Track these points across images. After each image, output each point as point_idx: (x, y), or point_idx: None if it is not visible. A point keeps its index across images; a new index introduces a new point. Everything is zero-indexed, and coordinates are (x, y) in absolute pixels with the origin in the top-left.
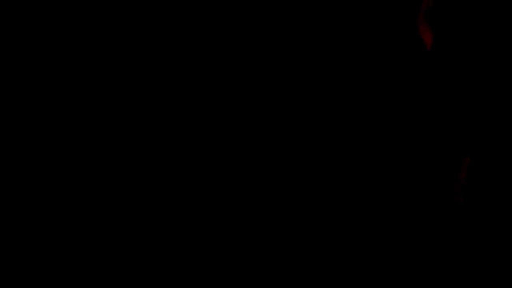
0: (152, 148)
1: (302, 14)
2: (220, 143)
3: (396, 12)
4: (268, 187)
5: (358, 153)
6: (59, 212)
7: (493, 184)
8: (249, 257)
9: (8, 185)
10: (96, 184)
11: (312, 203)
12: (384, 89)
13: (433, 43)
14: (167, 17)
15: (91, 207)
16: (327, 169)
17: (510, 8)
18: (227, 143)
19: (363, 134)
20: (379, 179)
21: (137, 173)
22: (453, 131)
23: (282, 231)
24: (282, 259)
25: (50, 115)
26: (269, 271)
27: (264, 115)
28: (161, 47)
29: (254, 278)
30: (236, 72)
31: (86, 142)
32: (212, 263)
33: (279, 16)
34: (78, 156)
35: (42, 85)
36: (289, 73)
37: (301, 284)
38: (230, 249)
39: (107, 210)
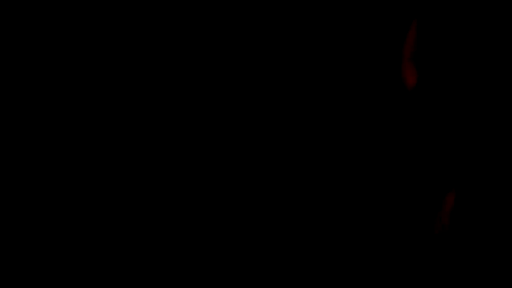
0: (152, 148)
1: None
2: (220, 143)
3: (379, 53)
4: (267, 187)
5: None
6: (59, 212)
7: (477, 217)
8: (249, 257)
9: (8, 185)
10: (96, 184)
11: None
12: (367, 126)
13: (416, 84)
14: (167, 17)
15: (91, 207)
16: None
17: (489, 50)
18: (226, 143)
19: (350, 170)
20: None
21: (137, 173)
22: (437, 167)
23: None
24: (281, 259)
25: (50, 115)
26: (268, 271)
27: (263, 115)
28: (161, 47)
29: (254, 278)
30: (236, 72)
31: (86, 142)
32: (212, 263)
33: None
34: (78, 156)
35: (42, 85)
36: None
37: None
38: (230, 249)
39: (107, 210)
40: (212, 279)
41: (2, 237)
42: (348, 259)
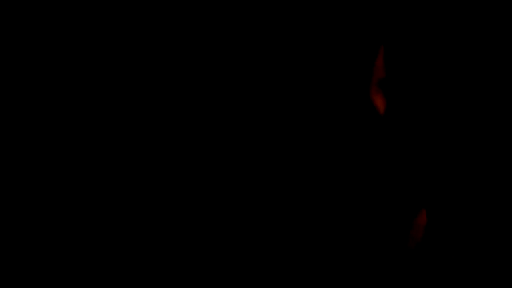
0: (152, 148)
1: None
2: (220, 143)
3: (349, 81)
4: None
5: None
6: (59, 212)
7: (449, 233)
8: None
9: (8, 185)
10: (96, 184)
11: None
12: (339, 148)
13: (386, 108)
14: (167, 17)
15: (91, 207)
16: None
17: (457, 75)
18: (226, 143)
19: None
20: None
21: (137, 173)
22: (409, 186)
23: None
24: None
25: (50, 115)
26: (268, 271)
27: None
28: (161, 47)
29: (254, 278)
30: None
31: (85, 142)
32: (212, 263)
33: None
34: (78, 156)
35: (42, 85)
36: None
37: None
38: (229, 249)
39: (106, 210)
40: (212, 279)
41: (2, 237)
42: (325, 273)
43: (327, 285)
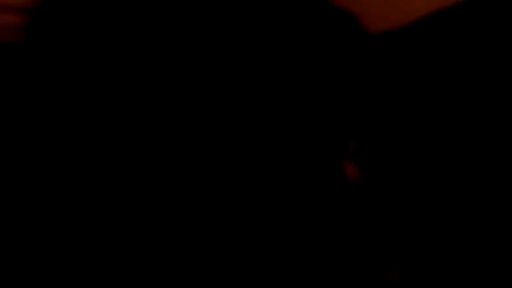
0: (152, 148)
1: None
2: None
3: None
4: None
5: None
6: (59, 212)
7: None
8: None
9: (8, 185)
10: (96, 184)
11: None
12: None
13: (359, 177)
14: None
15: (91, 207)
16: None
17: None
18: (226, 143)
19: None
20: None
21: (137, 173)
22: (380, 247)
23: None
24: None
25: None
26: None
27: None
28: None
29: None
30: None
31: (86, 142)
32: (212, 263)
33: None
34: (78, 156)
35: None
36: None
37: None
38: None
39: (107, 210)
40: (212, 279)
41: (2, 237)
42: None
43: (323, 285)
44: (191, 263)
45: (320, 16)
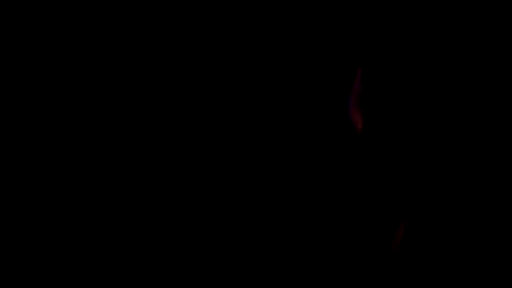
0: (152, 148)
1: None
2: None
3: (328, 96)
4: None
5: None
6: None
7: (425, 244)
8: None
9: (8, 185)
10: (96, 184)
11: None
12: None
13: (363, 126)
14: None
15: (91, 207)
16: None
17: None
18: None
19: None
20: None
21: (137, 173)
22: (388, 201)
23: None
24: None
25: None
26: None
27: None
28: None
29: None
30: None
31: (85, 142)
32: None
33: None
34: (77, 156)
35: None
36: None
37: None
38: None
39: (107, 210)
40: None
41: (2, 237)
42: (307, 273)
43: (315, 284)
44: (191, 263)
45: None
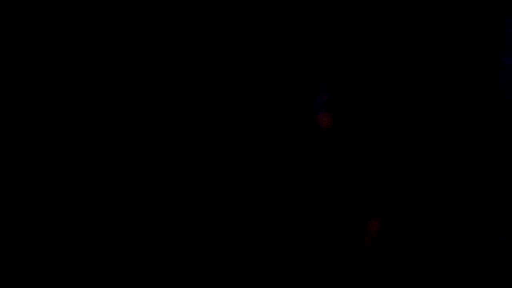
0: (152, 148)
1: None
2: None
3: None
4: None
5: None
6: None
7: (400, 240)
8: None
9: (8, 185)
10: (96, 184)
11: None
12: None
13: (332, 125)
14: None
15: (91, 207)
16: None
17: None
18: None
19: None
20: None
21: (137, 173)
22: (362, 196)
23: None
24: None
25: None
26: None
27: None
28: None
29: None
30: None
31: (85, 142)
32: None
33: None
34: (77, 156)
35: (42, 85)
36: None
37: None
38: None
39: (107, 210)
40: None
41: (2, 237)
42: (280, 270)
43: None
44: (191, 263)
45: None
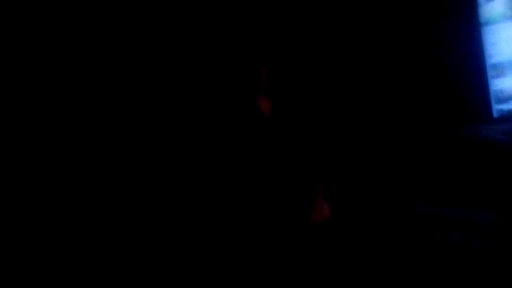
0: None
1: None
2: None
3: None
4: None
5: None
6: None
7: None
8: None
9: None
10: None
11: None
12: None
13: (271, 110)
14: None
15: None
16: None
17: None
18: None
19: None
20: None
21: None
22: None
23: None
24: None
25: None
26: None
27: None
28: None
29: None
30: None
31: (85, 142)
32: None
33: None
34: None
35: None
36: None
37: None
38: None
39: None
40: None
41: (2, 237)
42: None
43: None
44: (190, 263)
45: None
